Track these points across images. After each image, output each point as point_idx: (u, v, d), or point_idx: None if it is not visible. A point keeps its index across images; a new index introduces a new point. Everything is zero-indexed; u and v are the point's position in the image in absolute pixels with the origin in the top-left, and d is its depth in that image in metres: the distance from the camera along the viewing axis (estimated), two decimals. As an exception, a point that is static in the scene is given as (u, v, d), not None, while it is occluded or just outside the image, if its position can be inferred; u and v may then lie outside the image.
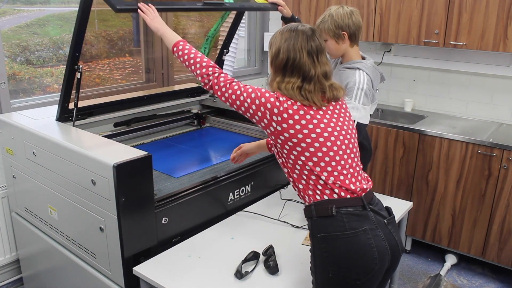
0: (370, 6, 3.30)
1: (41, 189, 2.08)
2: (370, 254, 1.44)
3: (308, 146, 1.47)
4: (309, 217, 1.51)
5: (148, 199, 1.78)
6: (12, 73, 2.72)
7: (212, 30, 2.75)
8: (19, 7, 2.80)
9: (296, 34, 1.51)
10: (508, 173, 2.80)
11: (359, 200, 1.48)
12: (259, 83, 4.38)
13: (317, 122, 1.48)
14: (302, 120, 1.47)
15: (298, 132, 1.47)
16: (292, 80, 1.50)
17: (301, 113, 1.47)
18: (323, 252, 1.47)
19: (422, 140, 3.09)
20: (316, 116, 1.49)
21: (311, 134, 1.47)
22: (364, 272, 1.44)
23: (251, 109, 1.53)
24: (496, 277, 3.08)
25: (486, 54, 3.21)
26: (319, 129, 1.48)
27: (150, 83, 3.33)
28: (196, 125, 2.93)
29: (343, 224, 1.44)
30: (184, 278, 1.68)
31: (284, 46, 1.51)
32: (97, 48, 3.09)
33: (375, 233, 1.46)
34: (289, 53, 1.50)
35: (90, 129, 2.26)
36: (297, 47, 1.50)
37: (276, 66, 1.55)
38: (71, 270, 2.07)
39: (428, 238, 3.22)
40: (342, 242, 1.44)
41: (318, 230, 1.48)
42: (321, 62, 1.52)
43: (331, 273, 1.46)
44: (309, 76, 1.49)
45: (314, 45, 1.51)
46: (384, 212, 1.56)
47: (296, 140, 1.48)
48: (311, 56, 1.50)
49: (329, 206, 1.46)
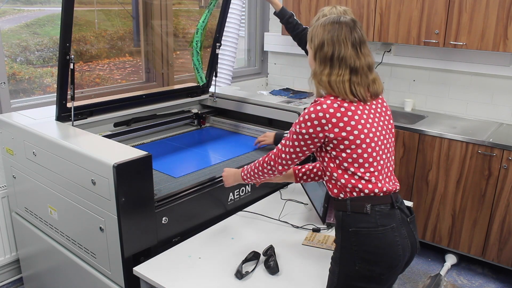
0: (370, 6, 3.30)
1: (41, 189, 2.08)
2: (395, 250, 1.49)
3: (350, 144, 1.48)
4: (342, 210, 1.53)
5: (148, 199, 1.78)
6: (12, 73, 2.72)
7: (201, 22, 2.69)
8: (19, 7, 2.80)
9: (339, 26, 1.50)
10: (508, 173, 2.80)
11: (389, 198, 1.53)
12: (259, 83, 4.38)
13: (358, 118, 1.48)
14: (345, 117, 1.46)
15: (342, 130, 1.47)
16: (340, 72, 1.49)
17: (349, 114, 1.47)
18: (353, 245, 1.50)
19: (422, 140, 3.09)
20: (357, 111, 1.49)
21: (353, 131, 1.47)
22: (389, 267, 1.50)
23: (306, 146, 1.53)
24: (496, 277, 3.08)
25: (486, 54, 3.21)
26: (360, 125, 1.48)
27: (150, 83, 3.33)
28: (196, 125, 2.93)
29: (375, 221, 1.49)
30: (184, 278, 1.68)
31: (328, 38, 1.50)
32: (97, 48, 3.09)
33: (400, 231, 1.52)
34: (334, 44, 1.49)
35: (90, 129, 2.26)
36: (341, 38, 1.49)
37: (321, 58, 1.52)
38: (71, 270, 2.07)
39: (428, 238, 3.22)
40: (372, 237, 1.48)
41: (349, 225, 1.51)
42: (364, 53, 1.52)
43: (357, 266, 1.50)
44: (355, 68, 1.49)
45: (357, 36, 1.51)
46: (407, 211, 1.61)
47: (340, 138, 1.48)
48: (355, 47, 1.50)
49: (364, 204, 1.49)
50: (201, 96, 2.96)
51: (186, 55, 3.67)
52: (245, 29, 4.28)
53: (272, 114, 2.68)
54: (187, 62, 3.68)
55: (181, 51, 3.65)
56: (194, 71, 2.85)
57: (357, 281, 1.51)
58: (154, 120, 2.67)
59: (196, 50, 2.75)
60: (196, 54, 2.76)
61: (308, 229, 2.04)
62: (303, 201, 2.28)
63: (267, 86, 4.46)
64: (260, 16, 4.28)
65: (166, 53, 3.33)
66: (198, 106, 2.99)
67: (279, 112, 2.63)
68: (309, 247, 1.90)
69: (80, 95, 2.82)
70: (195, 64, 2.80)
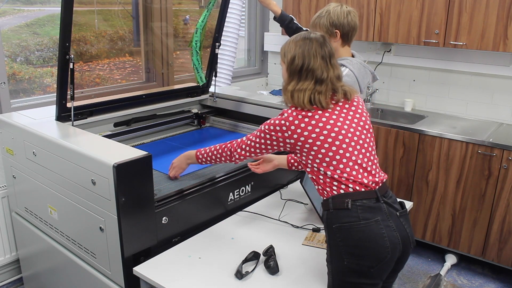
0: (370, 6, 3.30)
1: (41, 189, 2.08)
2: (381, 243, 1.52)
3: (320, 149, 1.57)
4: (326, 209, 1.60)
5: (148, 199, 1.77)
6: (12, 73, 2.72)
7: (200, 22, 2.69)
8: (19, 7, 2.80)
9: (310, 41, 1.63)
10: (508, 173, 2.80)
11: (373, 192, 1.57)
12: (259, 83, 4.38)
13: (323, 124, 1.58)
14: (309, 126, 1.58)
15: (300, 135, 1.59)
16: (305, 83, 1.61)
17: (306, 120, 1.58)
18: (338, 241, 1.55)
19: (422, 140, 3.09)
20: (321, 118, 1.58)
21: (319, 136, 1.57)
22: (377, 260, 1.52)
23: (269, 145, 1.70)
24: (496, 277, 3.08)
25: (486, 54, 3.21)
26: (326, 131, 1.57)
27: (150, 83, 3.33)
28: (196, 125, 2.93)
29: (357, 215, 1.53)
30: (184, 278, 1.68)
31: (299, 52, 1.63)
32: (97, 48, 3.10)
33: (387, 224, 1.54)
34: (304, 58, 1.62)
35: (90, 129, 2.26)
36: (312, 52, 1.62)
37: (291, 71, 1.65)
38: (71, 270, 2.07)
39: (428, 238, 3.22)
40: (355, 231, 1.53)
41: (333, 221, 1.56)
42: (333, 65, 1.65)
43: (346, 261, 1.54)
44: (321, 79, 1.61)
45: (327, 50, 1.64)
46: (397, 205, 1.64)
47: (301, 143, 1.60)
48: (325, 60, 1.62)
49: (345, 200, 1.55)
50: (201, 96, 2.96)
51: (186, 55, 3.67)
52: (245, 29, 4.28)
53: (272, 114, 2.65)
54: (187, 62, 3.69)
55: (181, 51, 3.66)
56: (194, 71, 2.85)
57: (349, 276, 1.55)
58: (154, 120, 2.67)
59: (195, 50, 2.75)
60: (195, 54, 2.76)
61: (308, 229, 2.05)
62: (303, 201, 2.28)
63: (267, 86, 4.46)
64: (260, 16, 4.28)
65: (166, 53, 3.33)
66: (198, 106, 2.99)
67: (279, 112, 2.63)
68: (309, 247, 1.90)
69: (80, 95, 2.82)
70: (194, 64, 2.80)
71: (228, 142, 1.87)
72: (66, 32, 1.99)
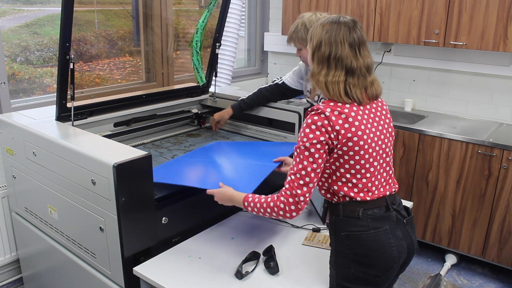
0: (370, 6, 3.30)
1: (41, 189, 2.08)
2: (390, 253, 1.49)
3: (348, 150, 1.46)
4: (335, 214, 1.54)
5: (148, 199, 1.77)
6: (12, 73, 2.72)
7: (200, 22, 2.69)
8: (19, 7, 2.80)
9: (338, 26, 1.48)
10: (508, 173, 2.80)
11: (383, 201, 1.53)
12: (259, 83, 4.38)
13: (358, 124, 1.46)
14: (346, 124, 1.44)
15: (343, 137, 1.45)
16: (336, 73, 1.47)
17: (343, 116, 1.44)
18: (346, 249, 1.51)
19: (422, 140, 3.09)
20: (357, 117, 1.46)
21: (353, 137, 1.45)
22: (384, 270, 1.50)
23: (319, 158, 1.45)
24: (496, 277, 3.08)
25: (486, 54, 3.21)
26: (360, 131, 1.45)
27: (150, 83, 3.33)
28: (196, 125, 2.93)
29: (367, 224, 1.49)
30: (184, 278, 1.68)
31: (326, 38, 1.48)
32: (97, 48, 3.10)
33: (395, 233, 1.51)
34: (331, 45, 1.47)
35: (90, 129, 2.25)
36: (339, 38, 1.47)
37: (318, 58, 1.51)
38: (71, 270, 2.07)
39: (428, 238, 3.22)
40: (364, 241, 1.49)
41: (342, 228, 1.52)
42: (363, 54, 1.50)
43: (352, 269, 1.50)
44: (351, 69, 1.47)
45: (356, 36, 1.48)
46: (404, 211, 1.60)
47: (340, 145, 1.46)
48: (353, 48, 1.48)
49: (356, 208, 1.49)
50: (201, 96, 2.95)
51: (186, 55, 3.67)
52: (245, 29, 4.28)
53: (272, 114, 2.67)
54: (187, 62, 3.69)
55: (181, 51, 3.66)
56: (194, 71, 2.85)
57: (354, 283, 1.52)
58: (154, 120, 2.67)
59: (196, 50, 2.75)
60: (196, 54, 2.76)
61: (308, 229, 2.05)
62: (303, 201, 2.28)
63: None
64: (260, 16, 4.28)
65: (166, 53, 3.33)
66: (198, 106, 2.98)
67: (279, 112, 2.63)
68: (309, 247, 1.90)
69: (80, 95, 2.82)
70: (195, 64, 2.80)
71: (278, 195, 1.52)
72: (66, 32, 1.99)
